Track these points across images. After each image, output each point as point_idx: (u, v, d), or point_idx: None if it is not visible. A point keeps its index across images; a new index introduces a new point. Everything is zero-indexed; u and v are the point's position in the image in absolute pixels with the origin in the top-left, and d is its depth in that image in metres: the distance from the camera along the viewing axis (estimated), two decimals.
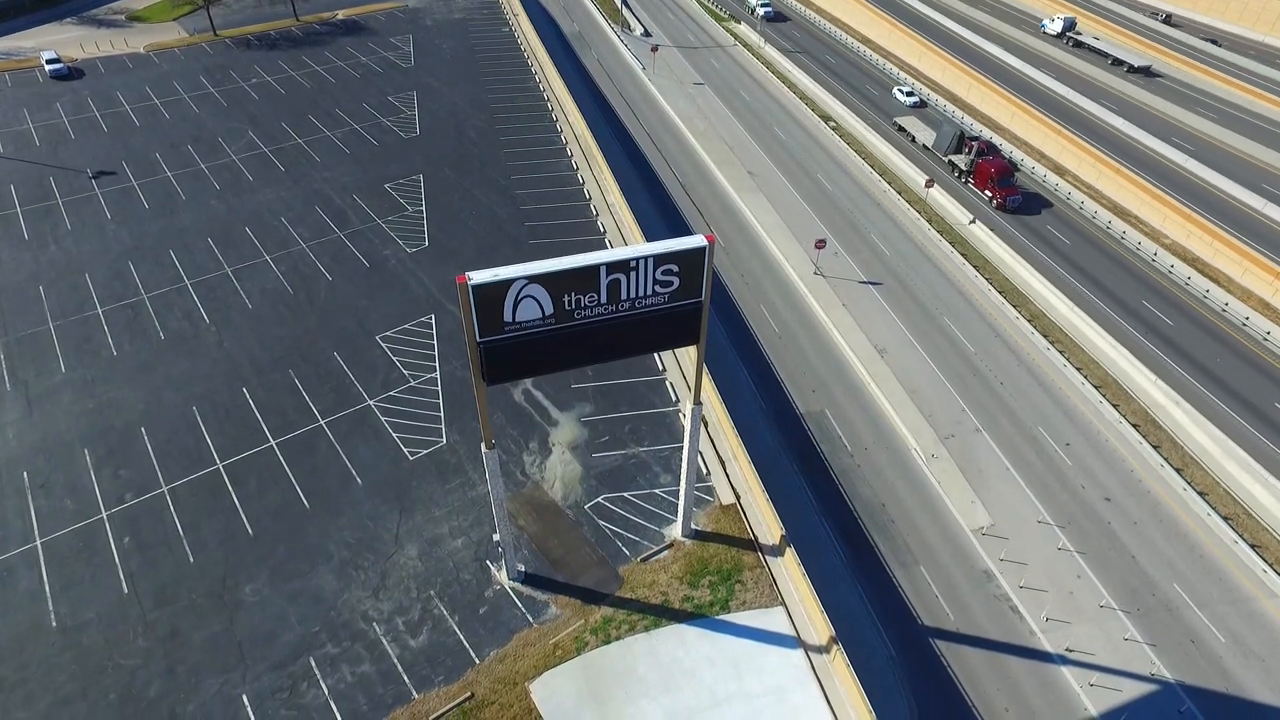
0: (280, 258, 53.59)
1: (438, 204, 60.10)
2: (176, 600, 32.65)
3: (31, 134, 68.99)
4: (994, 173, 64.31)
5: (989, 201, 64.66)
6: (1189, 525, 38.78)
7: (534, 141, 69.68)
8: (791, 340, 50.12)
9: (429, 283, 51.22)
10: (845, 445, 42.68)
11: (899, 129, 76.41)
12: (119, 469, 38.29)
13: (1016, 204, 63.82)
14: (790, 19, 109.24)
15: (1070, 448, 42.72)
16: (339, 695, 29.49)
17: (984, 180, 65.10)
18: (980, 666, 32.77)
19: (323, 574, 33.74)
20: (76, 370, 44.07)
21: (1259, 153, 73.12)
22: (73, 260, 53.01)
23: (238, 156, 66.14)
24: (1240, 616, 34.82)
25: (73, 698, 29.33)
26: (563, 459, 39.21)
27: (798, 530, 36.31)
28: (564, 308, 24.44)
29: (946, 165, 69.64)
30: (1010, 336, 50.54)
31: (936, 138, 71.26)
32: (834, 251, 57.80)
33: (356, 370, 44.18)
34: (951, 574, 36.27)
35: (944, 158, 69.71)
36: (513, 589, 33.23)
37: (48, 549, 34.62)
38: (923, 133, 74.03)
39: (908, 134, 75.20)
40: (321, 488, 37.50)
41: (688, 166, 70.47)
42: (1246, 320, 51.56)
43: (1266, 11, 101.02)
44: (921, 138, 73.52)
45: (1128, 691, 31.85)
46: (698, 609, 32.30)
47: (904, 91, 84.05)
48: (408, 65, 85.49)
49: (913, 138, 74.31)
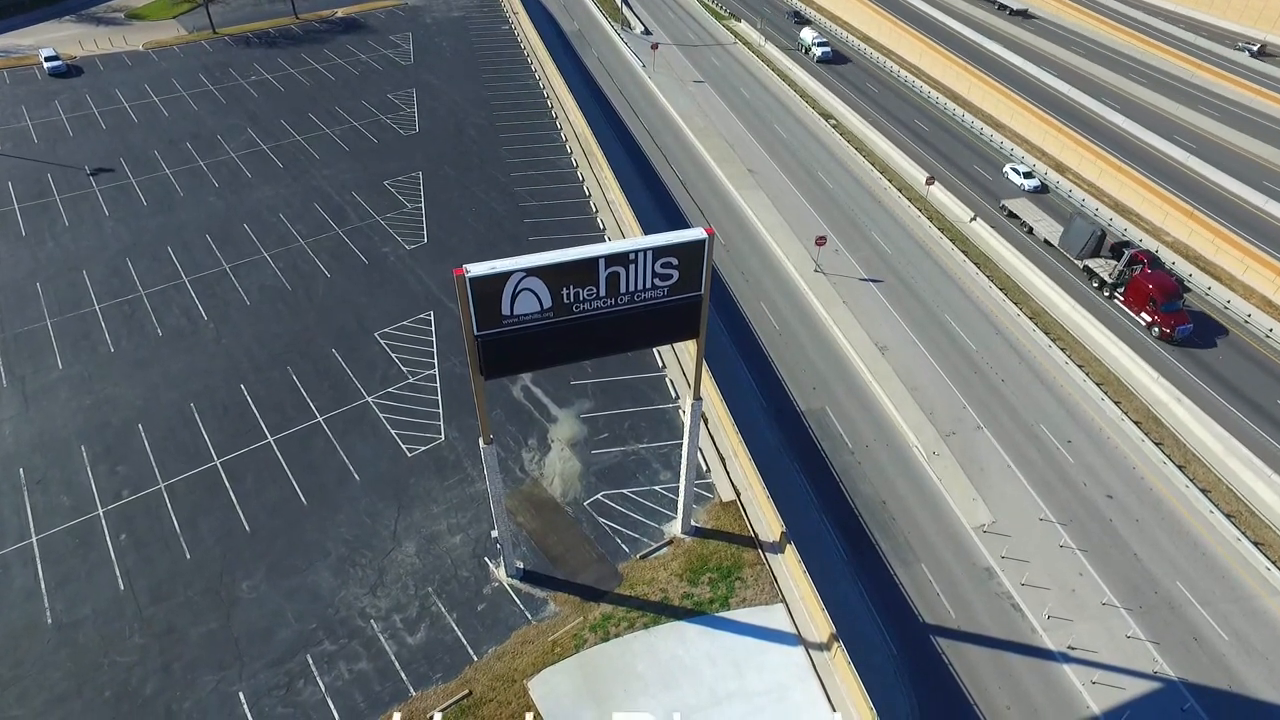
0: (279, 255, 53.40)
1: (437, 201, 59.92)
2: (173, 597, 32.45)
3: (30, 131, 68.81)
4: (1156, 292, 49.84)
5: (1147, 328, 50.62)
6: (1191, 523, 38.58)
7: (534, 139, 69.48)
8: (792, 338, 49.93)
9: (428, 280, 51.03)
10: (846, 442, 42.48)
11: (1008, 215, 62.52)
12: (116, 465, 38.10)
13: (1187, 334, 49.43)
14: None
15: (1072, 445, 42.52)
16: (336, 693, 29.29)
17: (1141, 300, 50.98)
18: (982, 664, 32.57)
19: (320, 571, 33.54)
20: (74, 367, 43.88)
21: (1261, 150, 72.92)
22: (70, 257, 52.83)
23: (236, 154, 65.96)
24: (1243, 614, 34.62)
25: (68, 695, 29.13)
26: (562, 455, 39.01)
27: (798, 527, 36.12)
28: (562, 301, 24.25)
29: (1080, 271, 56.16)
30: (1011, 334, 50.35)
31: (1066, 234, 57.30)
32: (834, 249, 57.61)
33: (355, 367, 43.99)
34: (953, 571, 36.07)
35: (1077, 261, 56.18)
36: (511, 586, 33.03)
37: (44, 545, 34.42)
38: (1042, 222, 60.46)
39: (1022, 223, 61.37)
40: (319, 484, 37.30)
41: (688, 164, 70.28)
42: (1249, 317, 51.37)
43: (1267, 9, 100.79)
44: (1042, 230, 59.63)
45: (1130, 689, 31.65)
46: (698, 606, 32.10)
47: (1020, 171, 67.82)
48: (407, 63, 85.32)
49: (1029, 229, 60.64)
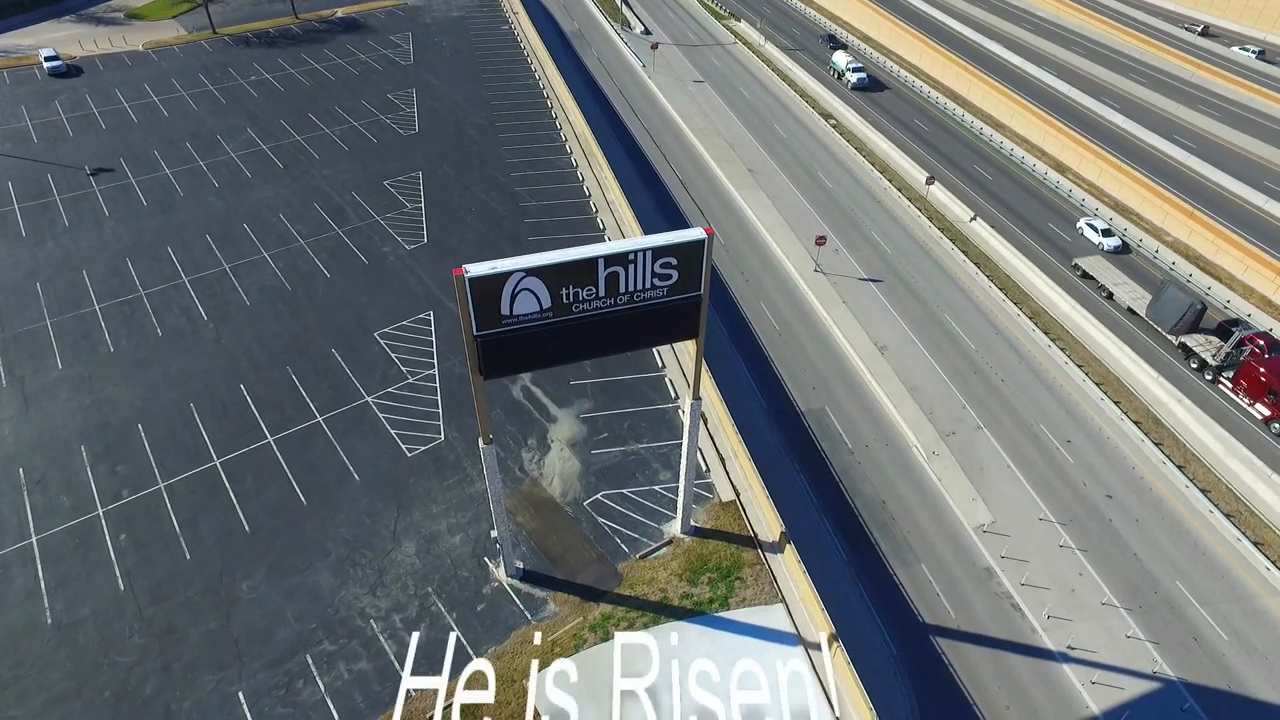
0: (279, 254, 53.39)
1: (437, 201, 59.90)
2: (173, 597, 32.44)
3: (30, 131, 68.81)
4: (1272, 380, 43.77)
5: (1265, 421, 44.04)
6: (1191, 523, 38.57)
7: (533, 139, 69.46)
8: (792, 337, 49.92)
9: (428, 279, 51.02)
10: (846, 442, 42.47)
11: (1082, 275, 55.53)
12: (116, 465, 38.08)
13: None
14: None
15: (1071, 445, 42.51)
16: (335, 693, 29.27)
17: (1257, 390, 44.23)
18: (981, 664, 32.56)
19: (320, 571, 33.53)
20: (74, 367, 43.87)
21: (1261, 150, 72.91)
22: (70, 257, 52.81)
23: (236, 154, 65.95)
24: (1243, 614, 34.62)
25: (68, 695, 29.11)
26: (561, 455, 39.00)
27: (798, 527, 36.07)
28: (562, 301, 24.24)
29: (1175, 348, 49.07)
30: (1011, 333, 50.34)
31: (1156, 304, 50.06)
32: (834, 248, 57.60)
33: (355, 367, 43.98)
34: (952, 571, 36.06)
35: (1170, 337, 49.27)
36: (511, 586, 33.02)
37: (43, 545, 34.41)
38: (1123, 286, 53.02)
39: (1099, 286, 54.17)
40: (319, 484, 37.29)
41: (687, 164, 70.28)
42: (1248, 317, 51.34)
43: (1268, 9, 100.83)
44: (1124, 295, 52.27)
45: (1130, 689, 31.64)
46: (697, 606, 32.07)
47: (1098, 228, 59.95)
48: (407, 63, 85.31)
49: (1108, 294, 53.34)
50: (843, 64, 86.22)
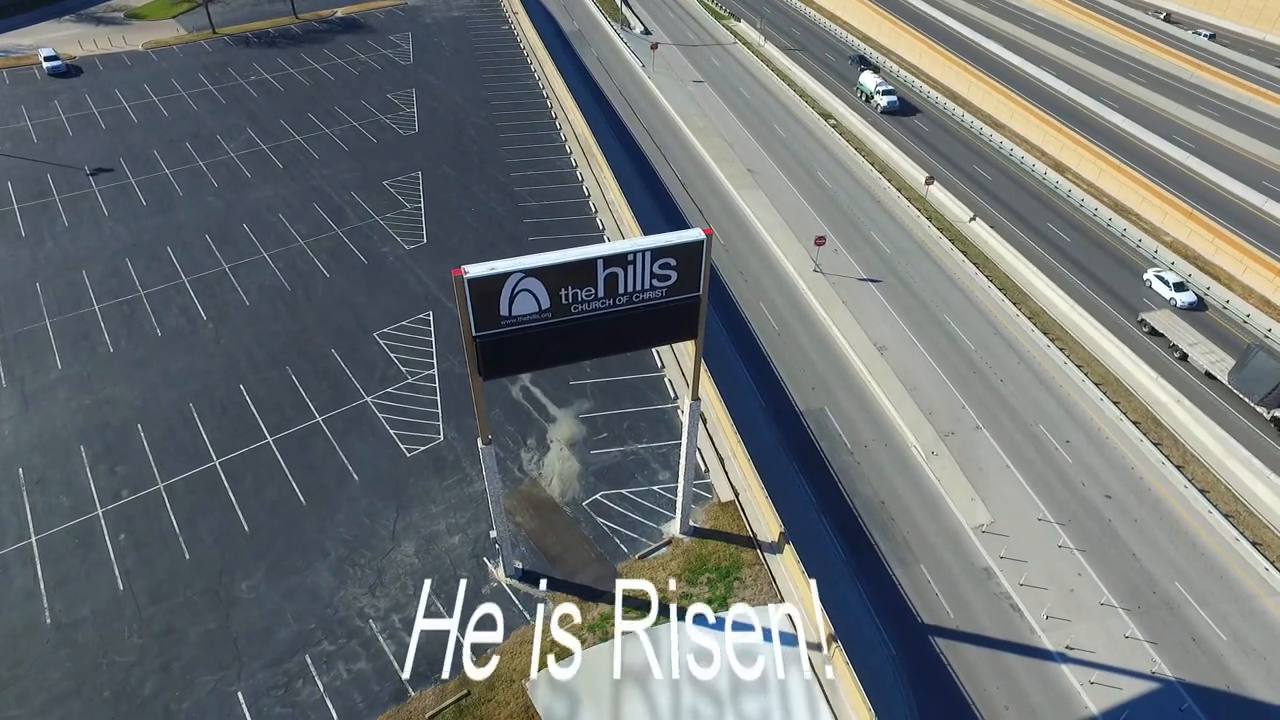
0: (278, 255, 53.40)
1: (436, 201, 59.91)
2: (172, 597, 32.47)
3: (29, 131, 68.81)
4: None
5: None
6: (1190, 523, 38.59)
7: (533, 139, 69.46)
8: (791, 338, 49.93)
9: (427, 279, 51.03)
10: (845, 443, 42.49)
11: (1149, 332, 50.11)
12: (115, 466, 38.11)
13: None
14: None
15: (1070, 445, 42.52)
16: (335, 693, 29.30)
17: None
18: (980, 664, 32.58)
19: (319, 571, 33.55)
20: (73, 367, 43.88)
21: (1261, 150, 72.91)
22: (70, 257, 52.82)
23: (236, 154, 65.95)
24: (1241, 614, 34.64)
25: (67, 695, 29.15)
26: (561, 456, 39.02)
27: (797, 527, 36.06)
28: (561, 302, 24.26)
29: (1266, 422, 43.78)
30: (1010, 334, 50.35)
31: (1242, 371, 44.47)
32: (834, 249, 57.60)
33: (354, 367, 43.99)
34: (951, 571, 36.08)
35: (1260, 409, 43.92)
36: (510, 586, 33.04)
37: (43, 545, 34.44)
38: (1199, 346, 47.51)
39: (1170, 345, 48.74)
40: (318, 485, 37.31)
41: (687, 164, 70.28)
42: (1248, 317, 51.34)
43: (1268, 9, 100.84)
44: (1200, 358, 46.77)
45: (1128, 690, 31.66)
46: (696, 606, 32.00)
47: (1169, 281, 53.48)
48: (407, 63, 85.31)
49: (1183, 354, 47.86)
50: (871, 86, 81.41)
